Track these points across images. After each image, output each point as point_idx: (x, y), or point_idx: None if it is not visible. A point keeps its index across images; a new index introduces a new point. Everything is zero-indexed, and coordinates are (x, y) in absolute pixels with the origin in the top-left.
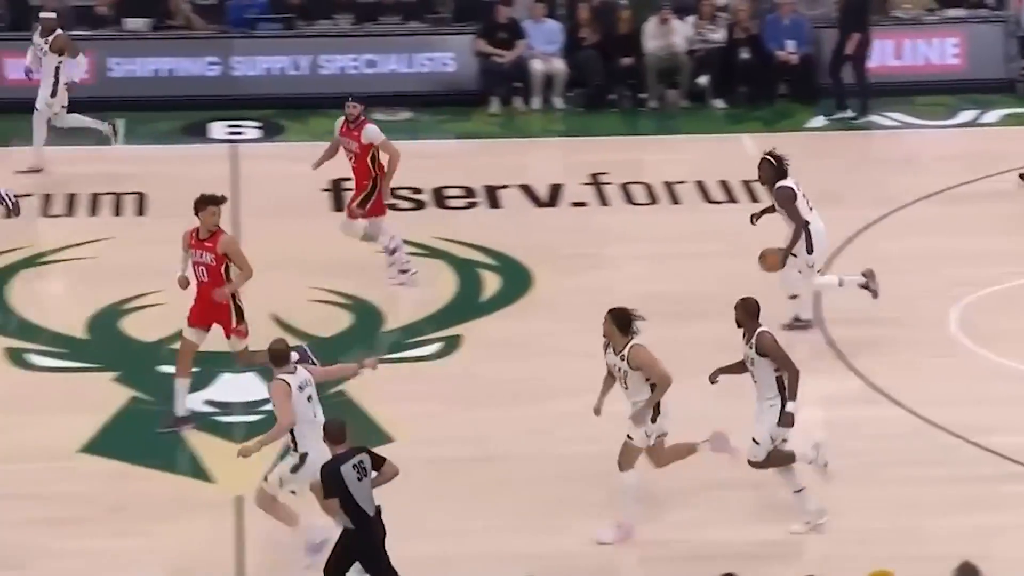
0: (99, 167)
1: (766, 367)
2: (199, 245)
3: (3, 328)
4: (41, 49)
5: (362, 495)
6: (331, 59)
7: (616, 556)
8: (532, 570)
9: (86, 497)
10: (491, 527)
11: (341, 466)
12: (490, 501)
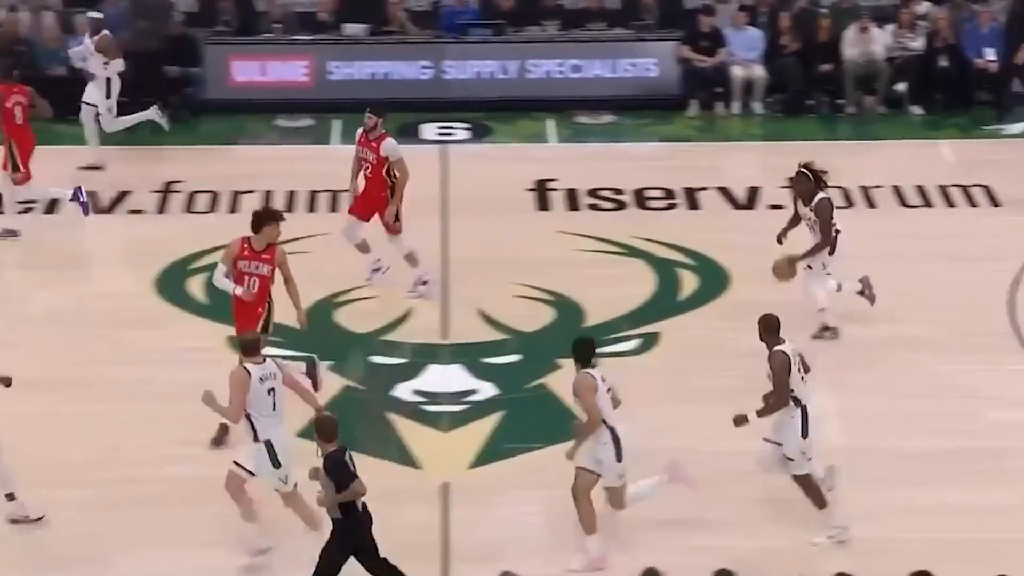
0: (317, 166)
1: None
2: (255, 256)
3: (227, 318)
4: (88, 50)
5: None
6: (538, 64)
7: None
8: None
9: (301, 482)
10: (682, 520)
11: (343, 457)
12: (681, 494)
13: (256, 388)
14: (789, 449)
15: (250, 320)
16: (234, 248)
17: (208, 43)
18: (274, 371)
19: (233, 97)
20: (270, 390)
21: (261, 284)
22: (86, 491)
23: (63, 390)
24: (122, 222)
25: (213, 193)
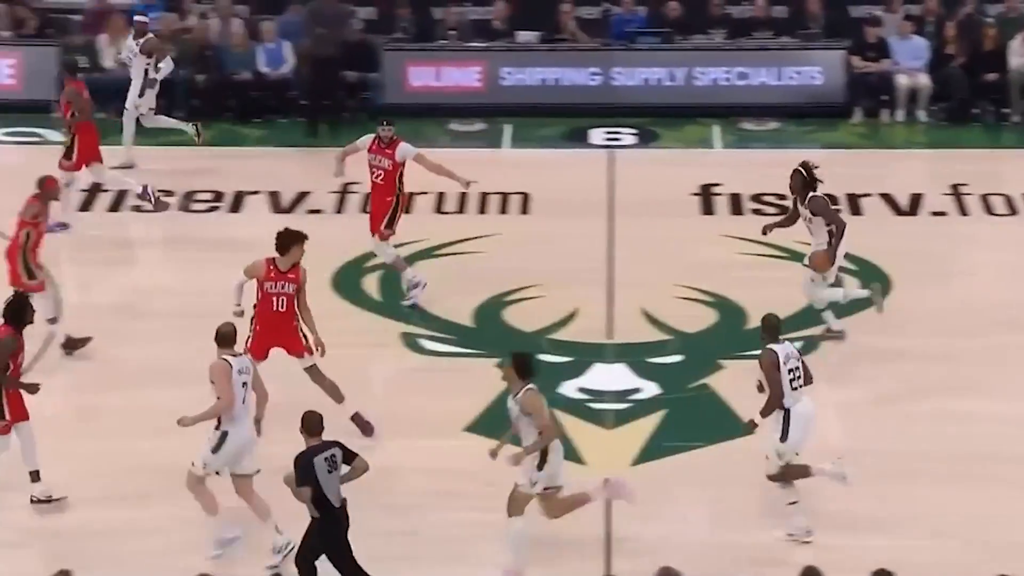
0: (489, 168)
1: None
2: (281, 277)
3: (400, 315)
4: (132, 51)
5: (330, 487)
6: (705, 71)
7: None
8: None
9: (467, 473)
10: (848, 519)
11: (314, 458)
12: (849, 494)
13: (234, 379)
14: (767, 447)
15: (287, 336)
16: (260, 270)
17: (386, 49)
18: (248, 366)
19: (409, 102)
20: (244, 384)
21: (288, 302)
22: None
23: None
24: (302, 221)
25: None
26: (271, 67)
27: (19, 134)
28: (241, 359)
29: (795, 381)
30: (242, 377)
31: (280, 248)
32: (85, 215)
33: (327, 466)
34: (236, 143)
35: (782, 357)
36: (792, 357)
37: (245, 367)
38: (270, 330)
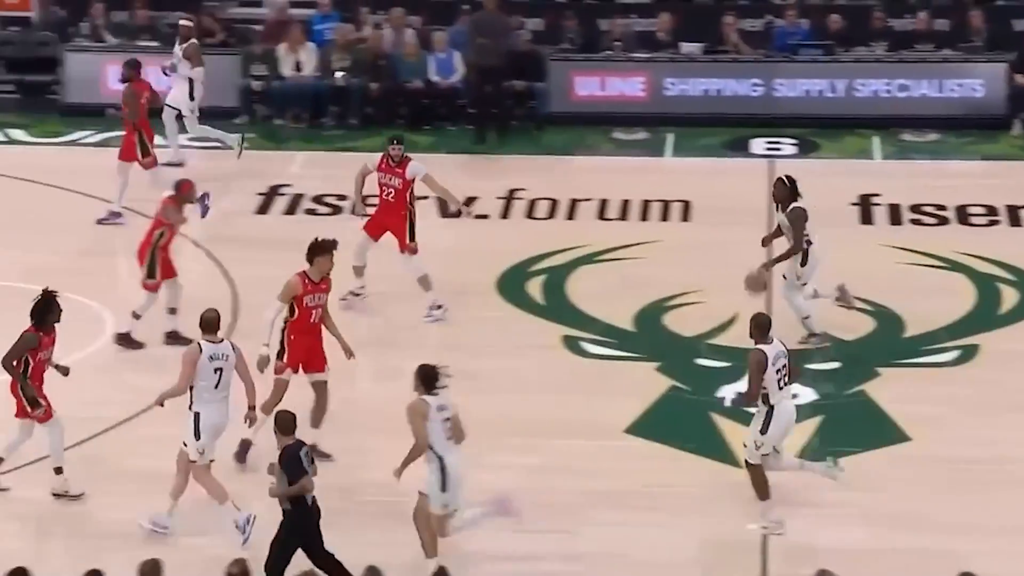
0: (651, 177)
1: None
2: (316, 288)
3: (562, 318)
4: (176, 56)
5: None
6: (866, 83)
7: None
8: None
9: (627, 473)
10: (1006, 526)
11: (299, 452)
12: (1002, 502)
13: (204, 364)
14: (747, 437)
15: (316, 351)
16: (296, 288)
17: (553, 59)
18: (228, 353)
19: (574, 111)
20: (217, 369)
21: (320, 314)
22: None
23: (399, 380)
24: (469, 226)
25: (552, 201)
26: (441, 76)
27: (202, 139)
28: (219, 346)
29: (782, 380)
30: (215, 363)
31: (309, 258)
32: (263, 217)
33: (307, 460)
34: (407, 149)
35: (771, 357)
36: (782, 356)
37: (221, 354)
38: (303, 344)
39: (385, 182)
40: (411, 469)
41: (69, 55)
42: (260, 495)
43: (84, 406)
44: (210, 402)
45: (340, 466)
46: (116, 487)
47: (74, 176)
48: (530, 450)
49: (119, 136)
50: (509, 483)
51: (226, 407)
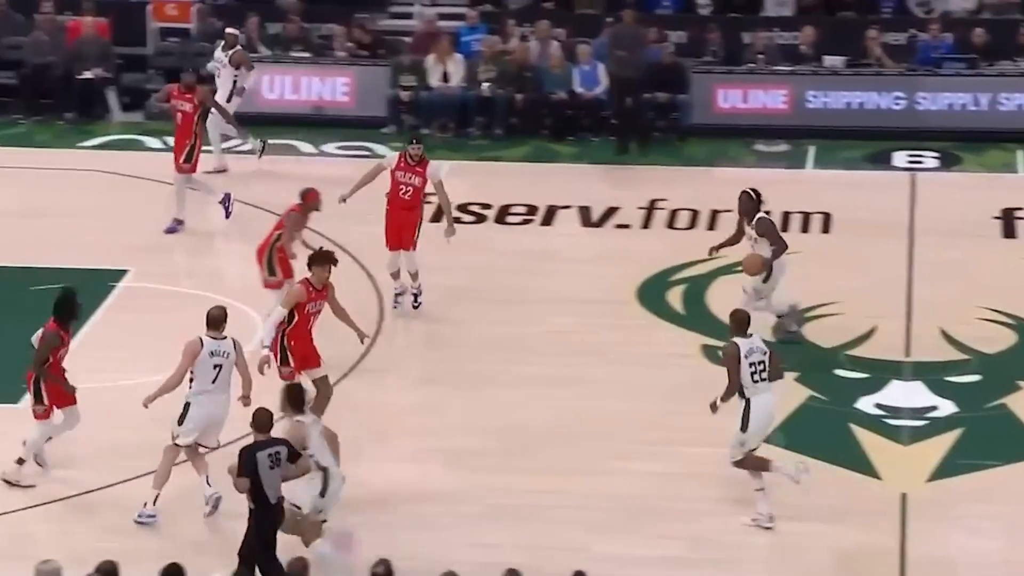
0: (792, 188)
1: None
2: (319, 295)
3: (701, 327)
4: (222, 62)
5: (269, 482)
6: (1010, 96)
7: None
8: None
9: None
10: None
11: (257, 452)
12: None
13: (204, 359)
14: (731, 436)
15: (313, 352)
16: (301, 295)
17: (696, 71)
18: (227, 351)
19: (716, 122)
20: (216, 366)
21: (316, 320)
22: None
23: (557, 386)
24: (610, 235)
25: (693, 211)
26: (585, 87)
27: (350, 148)
28: (221, 343)
29: (757, 375)
30: (214, 359)
31: (309, 265)
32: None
33: (269, 462)
34: (550, 159)
35: (744, 351)
36: (756, 351)
37: (222, 351)
38: (304, 348)
39: (404, 180)
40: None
41: None
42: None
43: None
44: (202, 394)
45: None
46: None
47: (229, 182)
48: (665, 457)
49: (274, 144)
50: (644, 487)
51: (225, 401)
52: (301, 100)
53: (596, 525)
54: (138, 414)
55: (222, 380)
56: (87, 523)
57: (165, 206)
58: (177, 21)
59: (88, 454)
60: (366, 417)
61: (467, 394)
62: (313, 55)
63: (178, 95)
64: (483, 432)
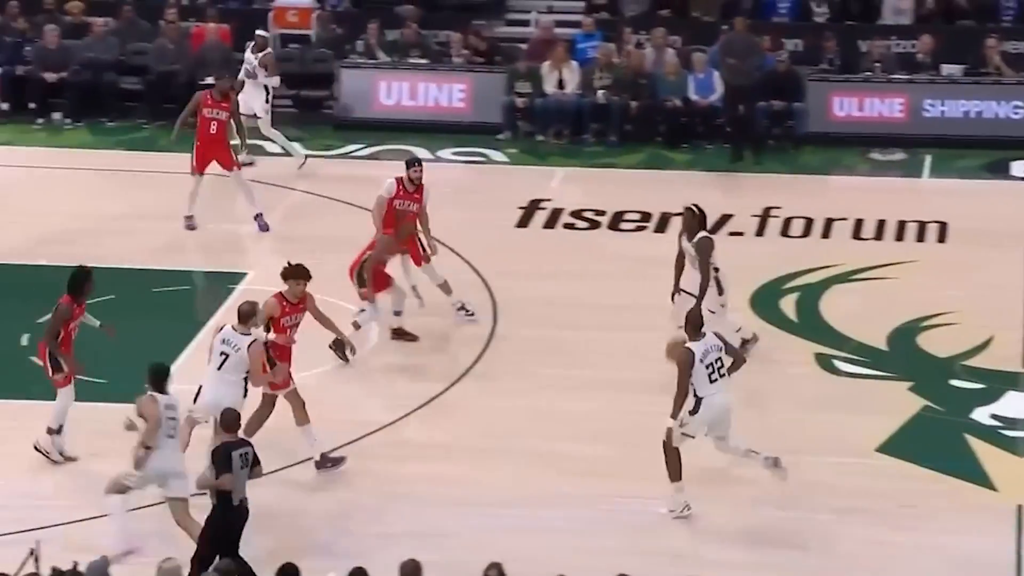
0: (907, 197)
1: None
2: (295, 309)
3: (815, 335)
4: (252, 64)
5: (237, 482)
6: None
7: None
8: None
9: (878, 492)
10: None
11: (232, 451)
12: None
13: (215, 345)
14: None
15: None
16: (275, 310)
17: (811, 80)
18: (239, 344)
19: (831, 131)
20: (223, 353)
21: (295, 333)
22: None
23: (671, 392)
24: (723, 242)
25: (807, 219)
26: (700, 95)
27: (466, 154)
28: (234, 335)
29: (715, 373)
30: (223, 347)
31: (284, 279)
32: (523, 231)
33: (240, 461)
34: (664, 166)
35: (699, 354)
36: (713, 350)
37: (233, 342)
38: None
39: (404, 208)
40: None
41: (344, 71)
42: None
43: (348, 409)
44: (211, 378)
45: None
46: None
47: (344, 187)
48: (785, 465)
49: (389, 149)
50: (757, 496)
51: (233, 387)
52: (418, 106)
53: (710, 533)
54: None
55: (229, 367)
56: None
57: (284, 211)
58: (297, 27)
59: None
60: (479, 422)
61: (580, 400)
62: (430, 61)
63: (213, 103)
64: (596, 438)
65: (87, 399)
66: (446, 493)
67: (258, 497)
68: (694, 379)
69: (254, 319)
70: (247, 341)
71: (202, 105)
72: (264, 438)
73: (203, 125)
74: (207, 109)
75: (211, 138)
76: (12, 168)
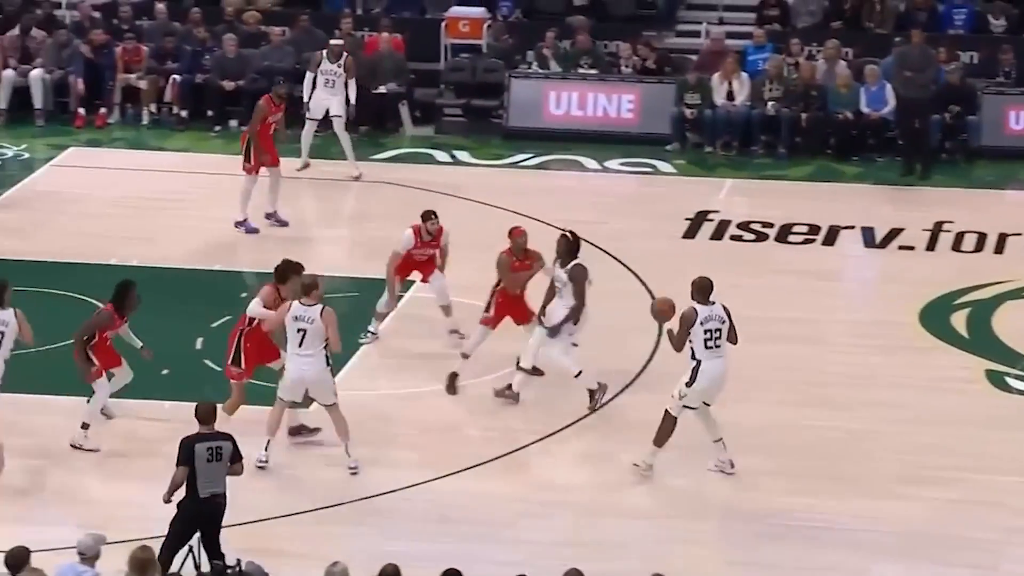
0: None
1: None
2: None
3: (986, 352)
4: (334, 72)
5: (205, 475)
6: None
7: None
8: None
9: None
10: None
11: (196, 444)
12: None
13: (289, 321)
14: (675, 388)
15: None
16: (270, 299)
17: (986, 93)
18: (314, 317)
19: (1007, 144)
20: (300, 330)
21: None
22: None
23: (837, 408)
24: (893, 257)
25: (981, 234)
26: (872, 107)
27: (634, 164)
28: (308, 309)
29: (711, 340)
30: (298, 323)
31: (279, 278)
32: (689, 241)
33: (207, 454)
34: (834, 179)
35: (701, 317)
36: (714, 319)
37: (308, 316)
38: (257, 354)
39: (421, 255)
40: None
41: (514, 81)
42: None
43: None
44: (291, 358)
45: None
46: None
47: (513, 196)
48: (949, 483)
49: (557, 159)
50: (926, 513)
51: (314, 360)
52: (586, 116)
53: (875, 549)
54: (416, 420)
55: (308, 343)
56: (372, 526)
57: (452, 219)
58: (469, 38)
59: (367, 457)
60: (641, 433)
61: (746, 412)
62: (600, 72)
63: (275, 108)
64: (761, 451)
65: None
66: (610, 502)
67: (432, 501)
68: (692, 339)
69: (317, 291)
70: (318, 311)
71: (268, 111)
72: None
73: (264, 129)
74: (270, 115)
75: (269, 141)
76: (189, 174)
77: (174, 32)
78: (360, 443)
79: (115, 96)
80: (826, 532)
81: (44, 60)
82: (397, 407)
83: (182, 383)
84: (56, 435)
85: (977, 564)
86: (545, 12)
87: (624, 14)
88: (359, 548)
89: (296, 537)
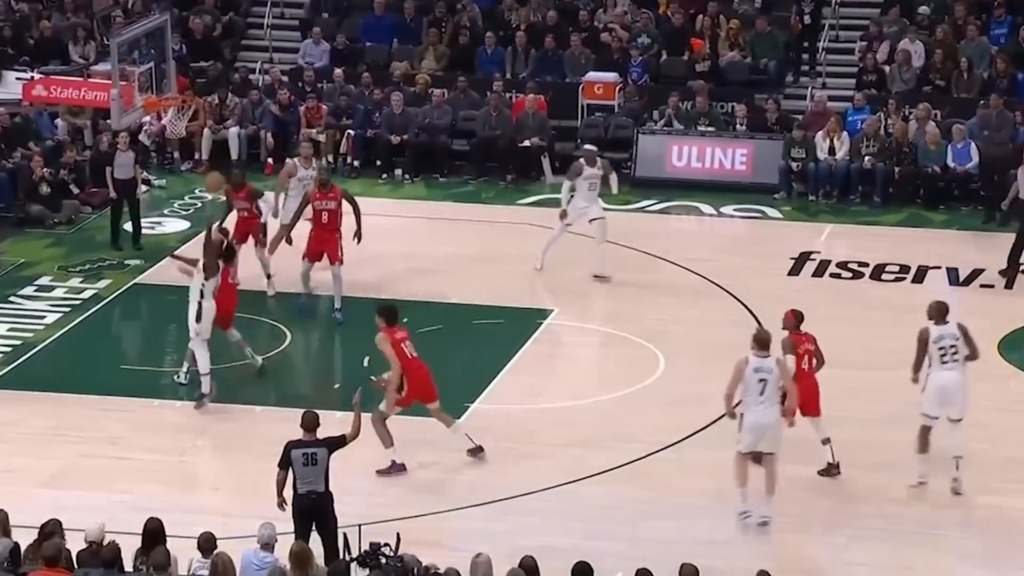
0: None
1: None
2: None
3: None
4: (593, 176)
5: (303, 477)
6: None
7: None
8: None
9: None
10: None
11: (293, 449)
12: None
13: (749, 374)
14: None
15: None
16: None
17: None
18: (772, 368)
19: None
20: (761, 380)
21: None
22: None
23: (906, 427)
24: (975, 293)
25: None
26: (958, 162)
27: (745, 210)
28: (764, 361)
29: (762, 394)
30: (759, 375)
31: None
32: (793, 279)
33: (303, 459)
34: (923, 225)
35: (753, 367)
36: (766, 371)
37: (767, 368)
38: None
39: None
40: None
41: (642, 137)
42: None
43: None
44: (751, 406)
45: None
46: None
47: (640, 238)
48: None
49: (678, 205)
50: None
51: (771, 407)
52: (704, 168)
53: (965, 553)
54: (551, 431)
55: (768, 391)
56: (511, 523)
57: (586, 257)
58: (603, 99)
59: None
60: None
61: (842, 429)
62: (717, 129)
63: (320, 196)
64: (856, 465)
65: (416, 414)
66: (722, 507)
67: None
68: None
69: (769, 343)
70: (773, 363)
71: (312, 197)
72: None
73: (316, 215)
74: (316, 201)
75: (323, 227)
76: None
77: (349, 93)
78: (503, 450)
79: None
80: (912, 535)
81: (239, 117)
82: (537, 418)
83: (346, 395)
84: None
85: None
86: (670, 77)
87: (739, 79)
88: (500, 542)
89: (445, 531)
